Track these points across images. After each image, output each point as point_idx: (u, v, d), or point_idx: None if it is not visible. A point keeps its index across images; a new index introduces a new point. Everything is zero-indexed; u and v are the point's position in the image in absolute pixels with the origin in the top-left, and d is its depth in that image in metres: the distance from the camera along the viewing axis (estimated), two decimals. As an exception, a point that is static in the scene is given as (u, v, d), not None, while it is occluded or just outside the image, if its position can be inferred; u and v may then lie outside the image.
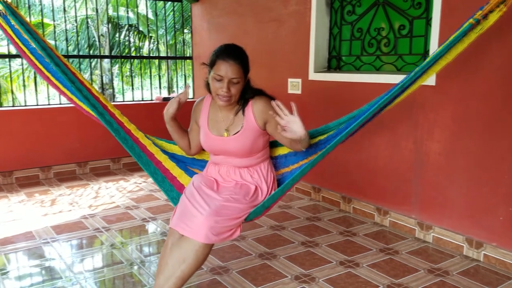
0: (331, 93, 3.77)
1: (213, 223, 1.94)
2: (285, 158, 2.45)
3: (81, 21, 12.41)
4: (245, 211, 2.09)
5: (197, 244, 1.92)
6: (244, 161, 2.24)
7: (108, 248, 2.98)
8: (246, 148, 2.19)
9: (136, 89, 8.54)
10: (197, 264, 1.95)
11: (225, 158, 2.26)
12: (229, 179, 2.26)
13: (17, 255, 2.88)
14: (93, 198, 4.07)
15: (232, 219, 2.02)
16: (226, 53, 2.10)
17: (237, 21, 4.81)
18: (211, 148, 2.28)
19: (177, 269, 1.93)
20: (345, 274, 2.61)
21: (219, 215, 1.98)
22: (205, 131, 2.27)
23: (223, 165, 2.28)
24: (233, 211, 2.04)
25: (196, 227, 1.94)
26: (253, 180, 2.24)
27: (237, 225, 2.06)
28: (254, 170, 2.27)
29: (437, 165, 3.03)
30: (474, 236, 2.86)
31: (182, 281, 1.95)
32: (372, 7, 3.52)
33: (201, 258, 1.95)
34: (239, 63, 2.09)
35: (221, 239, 1.99)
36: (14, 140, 4.49)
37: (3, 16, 2.53)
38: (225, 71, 2.06)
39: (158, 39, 12.55)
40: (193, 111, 2.38)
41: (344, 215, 3.66)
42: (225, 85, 2.07)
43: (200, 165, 2.55)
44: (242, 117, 2.20)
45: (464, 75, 2.81)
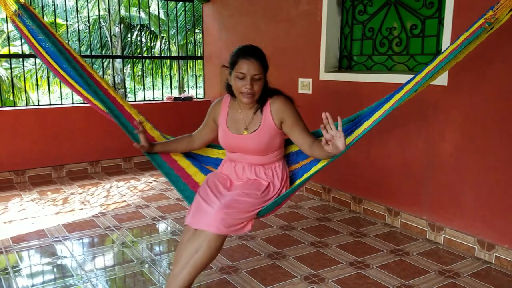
0: (342, 93, 3.76)
1: (224, 215, 2.01)
2: (296, 155, 2.49)
3: (93, 21, 12.53)
4: (256, 206, 2.14)
5: (209, 235, 1.99)
6: (260, 158, 2.31)
7: (119, 247, 3.01)
8: (262, 146, 2.26)
9: (147, 88, 8.59)
10: (210, 254, 2.01)
11: (242, 156, 2.33)
12: (244, 176, 2.32)
13: (29, 253, 2.92)
14: (105, 197, 4.10)
15: (243, 212, 2.08)
16: (247, 51, 2.19)
17: (248, 21, 4.82)
18: (229, 146, 2.36)
19: (191, 258, 2.01)
20: (355, 275, 2.60)
21: (230, 207, 2.05)
22: (224, 129, 2.34)
23: (239, 162, 2.35)
24: (244, 205, 2.09)
25: (208, 219, 2.01)
26: (267, 177, 2.30)
27: (248, 219, 2.12)
28: (269, 168, 2.33)
29: (448, 165, 3.01)
30: (485, 237, 2.83)
31: (195, 270, 2.02)
32: (384, 6, 3.50)
33: (214, 249, 2.01)
34: (259, 61, 2.18)
35: (232, 231, 2.05)
36: (27, 139, 4.54)
37: (19, 16, 2.57)
38: (247, 69, 2.15)
39: (169, 39, 12.62)
40: (211, 110, 2.45)
41: (355, 215, 3.64)
42: (248, 82, 2.15)
43: (214, 163, 2.62)
44: (260, 116, 2.27)
45: (476, 75, 2.78)
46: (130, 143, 2.48)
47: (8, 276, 2.57)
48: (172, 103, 5.46)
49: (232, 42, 5.15)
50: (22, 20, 2.58)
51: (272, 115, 2.25)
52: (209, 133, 2.49)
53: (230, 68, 2.25)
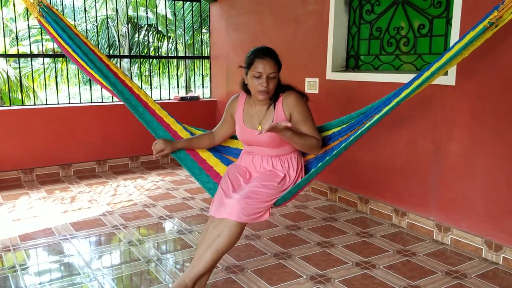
0: (349, 92, 3.75)
1: (244, 204, 2.19)
2: None
3: (101, 21, 12.59)
4: (273, 196, 2.32)
5: (230, 222, 2.17)
6: (276, 151, 2.46)
7: (126, 245, 3.02)
8: (276, 139, 2.38)
9: (154, 88, 8.62)
10: (230, 239, 2.17)
11: (258, 148, 2.48)
12: (261, 167, 2.48)
13: (37, 251, 2.94)
14: (112, 195, 4.12)
15: (262, 202, 2.26)
16: (263, 52, 2.36)
17: (255, 20, 4.82)
18: (246, 140, 2.51)
19: (213, 242, 2.18)
20: (361, 275, 2.59)
21: (249, 198, 2.23)
22: (240, 124, 2.51)
23: (256, 154, 2.51)
24: (262, 196, 2.27)
25: (229, 209, 2.20)
26: (283, 168, 2.45)
27: (266, 208, 2.29)
28: (285, 159, 2.48)
29: (456, 165, 2.99)
30: (493, 238, 2.81)
31: (217, 253, 2.18)
32: (392, 6, 3.49)
33: (234, 234, 2.17)
34: (274, 60, 2.36)
35: (251, 219, 2.22)
36: (35, 138, 4.57)
37: (45, 17, 2.69)
38: (263, 68, 2.32)
39: (176, 39, 12.65)
40: (229, 106, 2.62)
41: (361, 216, 3.63)
42: (265, 80, 2.33)
43: (234, 153, 2.78)
44: (273, 111, 2.43)
45: (484, 75, 2.76)
46: (137, 142, 2.58)
47: (15, 273, 2.59)
48: (178, 103, 5.48)
49: (239, 42, 5.15)
50: (48, 20, 2.69)
51: (284, 110, 2.40)
52: (228, 129, 2.65)
53: (246, 68, 2.40)
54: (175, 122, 2.78)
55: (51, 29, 2.72)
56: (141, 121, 2.65)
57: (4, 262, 2.74)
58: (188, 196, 4.11)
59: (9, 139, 4.44)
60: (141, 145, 5.09)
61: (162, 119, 2.75)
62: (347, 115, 2.55)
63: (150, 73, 6.29)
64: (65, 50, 2.78)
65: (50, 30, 2.73)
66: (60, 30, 2.70)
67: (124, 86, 2.72)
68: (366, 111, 2.47)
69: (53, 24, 2.70)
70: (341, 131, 2.53)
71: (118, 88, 2.68)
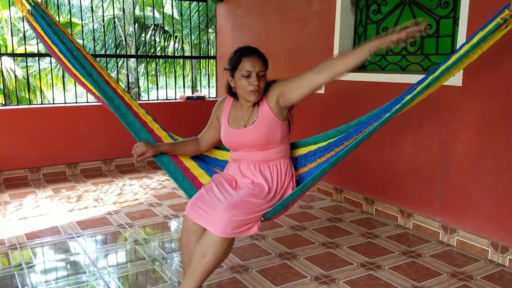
0: (355, 93, 3.74)
1: (230, 217, 1.99)
2: (305, 158, 2.47)
3: (108, 21, 12.64)
4: (262, 206, 2.14)
5: (215, 239, 1.98)
6: (263, 154, 2.29)
7: (131, 244, 3.03)
8: (262, 137, 2.24)
9: (160, 88, 8.64)
10: (217, 257, 2.00)
11: (245, 153, 2.32)
12: (248, 173, 2.30)
13: (43, 249, 2.95)
14: (118, 194, 4.14)
15: (249, 213, 2.06)
16: (249, 50, 2.24)
17: (261, 20, 4.82)
18: (231, 143, 2.35)
19: (198, 264, 2.01)
20: (366, 276, 2.59)
21: (237, 208, 2.03)
22: (225, 126, 2.35)
23: (243, 161, 2.33)
24: (250, 205, 2.08)
25: (213, 219, 2.01)
26: (271, 175, 2.28)
27: (254, 220, 2.11)
28: (273, 165, 2.30)
29: (462, 166, 2.97)
30: (499, 240, 2.80)
31: (204, 275, 2.03)
32: (398, 6, 3.48)
33: (221, 253, 2.00)
34: (262, 58, 2.24)
35: (237, 233, 2.03)
36: (42, 137, 4.60)
37: (34, 15, 2.62)
38: (252, 66, 2.18)
39: (183, 39, 12.67)
40: (216, 108, 2.47)
41: (367, 216, 3.62)
42: (255, 79, 2.18)
43: (221, 166, 2.59)
44: (257, 109, 2.28)
45: (491, 76, 2.75)
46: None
47: (22, 271, 2.61)
48: (184, 103, 5.49)
49: (245, 42, 5.12)
50: (36, 18, 2.63)
51: (269, 103, 2.26)
52: (214, 134, 2.47)
53: (231, 70, 2.26)
54: (159, 128, 2.62)
55: (39, 28, 2.65)
56: (123, 122, 2.49)
57: (10, 260, 2.76)
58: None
59: (16, 138, 4.47)
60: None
61: (146, 123, 2.60)
62: (345, 124, 2.40)
63: (157, 73, 6.31)
64: (51, 50, 2.70)
65: (38, 29, 2.66)
66: (47, 29, 2.60)
67: (107, 85, 2.60)
68: (364, 120, 2.32)
69: (41, 21, 2.61)
70: (337, 141, 2.35)
71: (101, 86, 2.55)
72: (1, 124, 4.40)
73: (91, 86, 2.60)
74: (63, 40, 2.62)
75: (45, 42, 2.71)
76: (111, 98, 2.55)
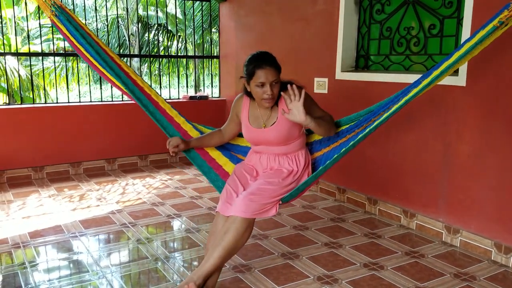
0: (358, 92, 3.73)
1: (249, 201, 2.24)
2: (320, 143, 2.69)
3: (111, 21, 12.66)
4: (278, 192, 2.35)
5: (236, 218, 2.22)
6: (282, 148, 2.50)
7: (134, 243, 3.03)
8: (282, 137, 2.46)
9: (164, 87, 8.65)
10: (236, 235, 2.20)
11: (266, 147, 2.53)
12: (268, 166, 2.52)
13: (46, 248, 2.96)
14: (121, 194, 4.15)
15: (267, 198, 2.30)
16: (261, 61, 2.36)
17: (264, 20, 4.82)
18: (252, 139, 2.56)
19: (221, 240, 2.22)
20: (369, 277, 2.58)
21: (255, 194, 2.29)
22: (246, 125, 2.55)
23: (264, 153, 2.55)
24: (267, 192, 2.32)
25: (235, 206, 2.26)
26: (290, 166, 2.50)
27: (272, 204, 2.33)
28: (292, 157, 2.52)
29: (466, 167, 2.96)
30: (503, 241, 2.79)
31: (224, 251, 2.20)
32: (402, 6, 3.47)
33: (240, 230, 2.21)
34: (275, 66, 2.38)
35: (257, 214, 2.26)
36: (46, 136, 4.61)
37: (58, 16, 2.74)
38: (266, 77, 2.34)
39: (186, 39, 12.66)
40: (234, 105, 2.65)
41: (370, 217, 3.61)
42: (269, 89, 2.35)
43: (244, 151, 2.82)
44: (276, 110, 2.48)
45: (494, 75, 2.74)
46: (147, 141, 2.63)
47: (25, 270, 2.62)
48: (188, 102, 5.49)
49: (248, 42, 5.15)
50: (61, 20, 2.74)
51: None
52: (235, 127, 2.70)
53: (247, 79, 2.42)
54: (185, 121, 2.83)
55: (64, 29, 2.77)
56: (153, 119, 2.71)
57: (14, 259, 2.77)
58: (196, 195, 4.12)
59: (20, 137, 4.48)
60: (150, 144, 5.12)
61: (172, 118, 2.80)
62: (356, 112, 2.57)
63: (160, 72, 6.31)
64: (77, 50, 2.83)
65: (63, 29, 2.78)
66: (73, 30, 2.75)
67: (135, 85, 2.77)
68: (374, 109, 2.48)
69: (66, 24, 2.74)
70: (349, 129, 2.56)
71: (130, 87, 2.73)
72: (5, 123, 4.41)
73: (120, 85, 2.74)
74: (90, 42, 2.76)
75: (71, 42, 2.85)
76: (140, 98, 2.74)
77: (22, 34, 12.94)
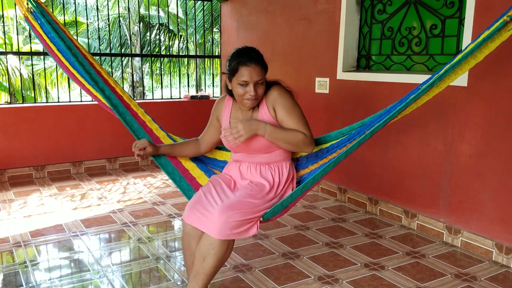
0: (359, 92, 3.73)
1: (227, 217, 1.95)
2: (306, 159, 2.42)
3: (113, 20, 12.67)
4: (260, 206, 2.09)
5: (214, 242, 1.95)
6: (264, 157, 2.25)
7: (135, 243, 3.04)
8: (262, 144, 2.19)
9: (165, 87, 8.64)
10: (217, 260, 1.98)
11: (247, 155, 2.28)
12: (248, 175, 2.26)
13: (47, 247, 2.96)
14: (122, 193, 4.15)
15: (247, 213, 2.02)
16: (246, 57, 2.11)
17: (266, 20, 4.82)
18: (231, 146, 2.26)
19: (200, 267, 2.00)
20: (369, 277, 2.58)
21: (233, 209, 1.99)
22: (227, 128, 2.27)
23: (244, 162, 2.30)
24: (248, 206, 2.04)
25: (210, 221, 1.98)
26: (272, 176, 2.23)
27: (253, 221, 2.06)
28: (275, 166, 2.26)
29: (467, 167, 2.96)
30: (504, 241, 2.78)
31: (207, 277, 2.01)
32: (404, 6, 3.47)
33: (220, 255, 1.97)
34: (260, 65, 2.13)
35: (236, 235, 1.99)
36: (47, 135, 4.62)
37: (33, 13, 2.61)
38: (250, 76, 2.09)
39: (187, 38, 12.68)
40: (215, 108, 2.41)
41: (371, 217, 3.61)
42: (252, 89, 2.10)
43: (221, 166, 2.56)
44: (257, 112, 2.23)
45: (496, 77, 2.74)
46: None
47: (26, 269, 2.62)
48: (189, 102, 5.49)
49: (250, 41, 5.15)
50: (35, 16, 2.63)
51: (268, 108, 2.21)
52: (215, 134, 2.41)
53: (230, 75, 2.17)
54: (158, 128, 2.61)
55: (38, 27, 2.65)
56: (122, 121, 2.50)
57: (15, 258, 2.77)
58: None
59: (21, 136, 4.49)
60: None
61: (145, 123, 2.59)
62: (348, 126, 2.37)
63: (161, 72, 6.31)
64: (49, 49, 2.70)
65: (36, 27, 2.66)
66: (47, 26, 2.59)
67: (106, 84, 2.59)
68: (367, 122, 2.29)
69: (41, 20, 2.59)
70: (340, 143, 2.31)
71: (99, 85, 2.54)
72: (7, 122, 4.42)
73: (88, 85, 2.60)
74: (62, 37, 2.61)
75: (43, 40, 2.70)
76: (109, 97, 2.54)
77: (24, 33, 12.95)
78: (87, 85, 2.62)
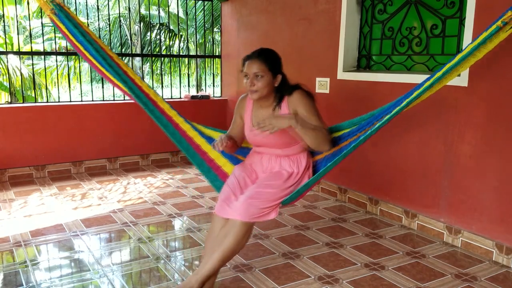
0: (360, 92, 3.73)
1: (248, 205, 2.21)
2: None
3: (114, 20, 12.67)
4: (278, 195, 2.32)
5: (236, 222, 2.20)
6: (284, 151, 2.47)
7: (135, 242, 3.04)
8: (284, 140, 2.42)
9: (165, 87, 8.64)
10: (236, 239, 2.18)
11: (267, 149, 2.51)
12: (269, 166, 2.49)
13: (48, 246, 2.97)
14: (122, 193, 4.15)
15: (266, 202, 2.26)
16: (252, 53, 2.40)
17: (266, 19, 4.81)
18: (254, 141, 2.54)
19: (220, 243, 2.20)
20: (369, 277, 2.58)
21: (253, 198, 2.25)
22: (249, 126, 2.53)
23: (265, 154, 2.52)
24: (266, 196, 2.28)
25: (234, 210, 2.23)
26: (291, 167, 2.45)
27: (272, 208, 2.30)
28: (294, 158, 2.48)
29: (467, 167, 2.96)
30: (504, 241, 2.78)
31: (223, 255, 2.19)
32: (404, 6, 3.47)
33: (240, 235, 2.19)
34: (261, 59, 2.35)
35: (256, 218, 2.23)
36: (48, 135, 4.62)
37: (58, 15, 2.74)
38: (249, 68, 2.35)
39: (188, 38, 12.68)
40: (238, 107, 2.63)
41: (371, 217, 3.61)
42: (250, 80, 2.34)
43: (244, 153, 2.77)
44: (279, 112, 2.43)
45: (497, 77, 2.73)
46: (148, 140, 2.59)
47: (26, 269, 2.62)
48: (189, 102, 5.50)
49: (250, 41, 5.15)
50: (60, 18, 2.74)
51: (289, 109, 2.40)
52: (240, 131, 2.62)
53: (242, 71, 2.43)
54: (183, 121, 2.80)
55: (64, 27, 2.78)
56: (152, 117, 2.68)
57: (15, 257, 2.77)
58: (197, 194, 4.13)
59: (22, 136, 4.49)
60: (152, 143, 5.13)
61: (171, 118, 2.78)
62: (359, 116, 2.53)
63: (162, 72, 6.31)
64: (77, 48, 2.83)
65: (62, 28, 2.79)
66: (72, 28, 2.75)
67: (134, 84, 2.76)
68: (376, 113, 2.45)
69: (66, 22, 2.75)
70: (350, 132, 2.52)
71: (129, 84, 2.72)
72: (7, 122, 4.42)
73: (119, 83, 2.74)
74: (89, 41, 2.76)
75: (71, 41, 2.85)
76: (139, 96, 2.72)
77: (24, 33, 12.96)
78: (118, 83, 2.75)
